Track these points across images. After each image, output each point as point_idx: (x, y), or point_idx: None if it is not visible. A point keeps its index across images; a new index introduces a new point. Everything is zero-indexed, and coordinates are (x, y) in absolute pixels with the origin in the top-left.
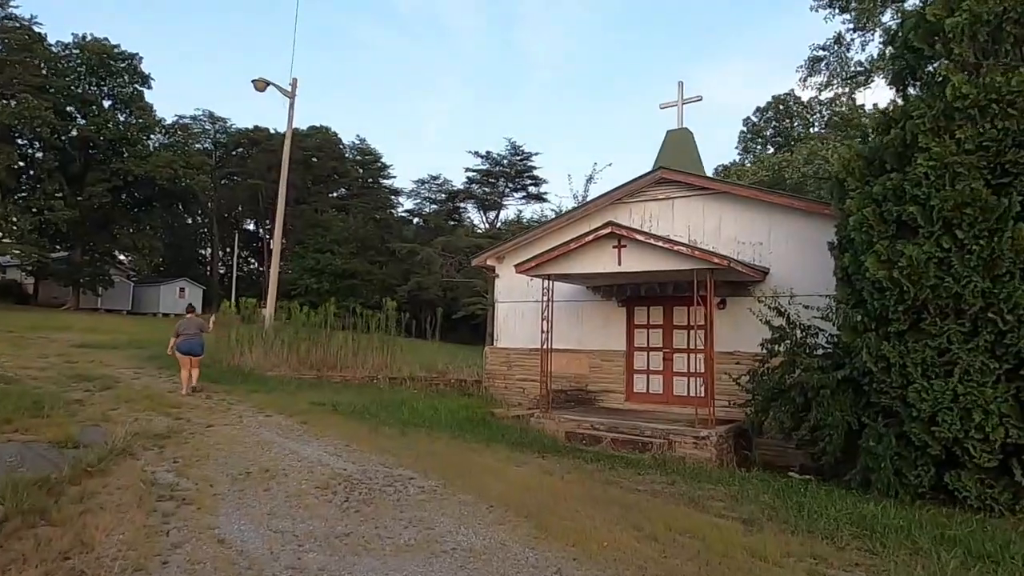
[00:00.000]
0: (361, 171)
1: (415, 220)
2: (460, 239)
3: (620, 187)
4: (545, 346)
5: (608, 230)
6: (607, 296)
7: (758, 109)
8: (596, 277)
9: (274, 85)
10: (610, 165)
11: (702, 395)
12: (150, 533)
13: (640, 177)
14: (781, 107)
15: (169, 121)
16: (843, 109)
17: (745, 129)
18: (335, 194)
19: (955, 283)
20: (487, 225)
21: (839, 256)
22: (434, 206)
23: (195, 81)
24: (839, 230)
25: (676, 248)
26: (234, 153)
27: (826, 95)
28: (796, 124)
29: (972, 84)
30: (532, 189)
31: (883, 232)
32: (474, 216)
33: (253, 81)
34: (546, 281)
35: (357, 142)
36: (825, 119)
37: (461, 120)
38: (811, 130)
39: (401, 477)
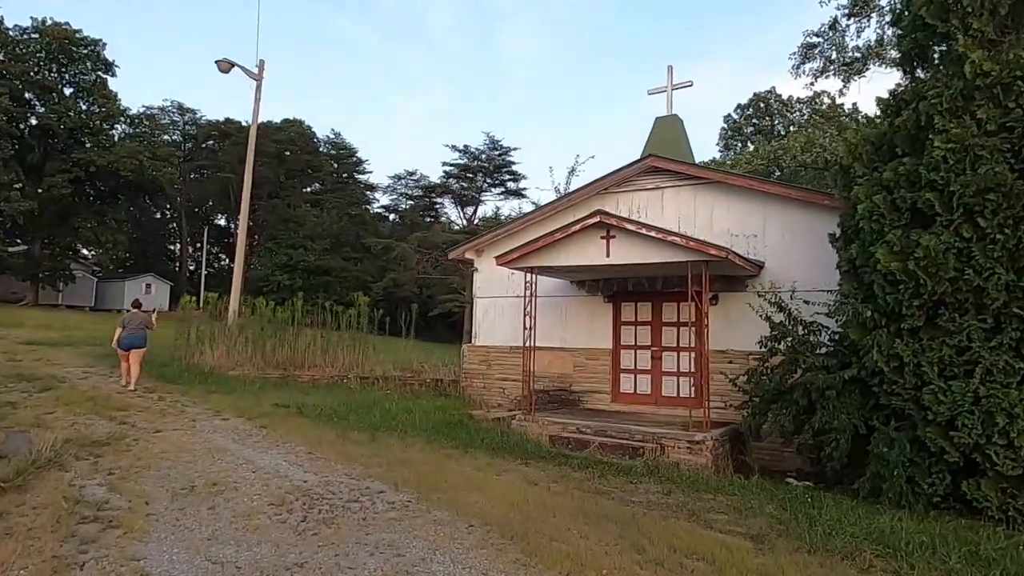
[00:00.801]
0: (336, 166)
1: (391, 216)
2: (437, 235)
3: (607, 176)
4: (528, 344)
5: (596, 219)
6: (592, 291)
7: (739, 106)
8: (582, 270)
9: (239, 67)
10: (592, 158)
11: (693, 396)
12: (58, 567)
13: (628, 165)
14: (762, 104)
15: (135, 111)
16: (823, 107)
17: (726, 126)
18: (309, 189)
19: (976, 275)
20: (464, 221)
21: (843, 248)
22: (410, 202)
23: (164, 73)
24: (844, 220)
25: (669, 239)
26: (204, 146)
27: (821, 84)
28: (776, 122)
29: (994, 61)
30: (511, 184)
31: (895, 221)
32: (451, 212)
33: (217, 62)
34: (529, 275)
35: (332, 136)
36: (805, 116)
37: (438, 117)
38: (791, 128)
39: (369, 490)
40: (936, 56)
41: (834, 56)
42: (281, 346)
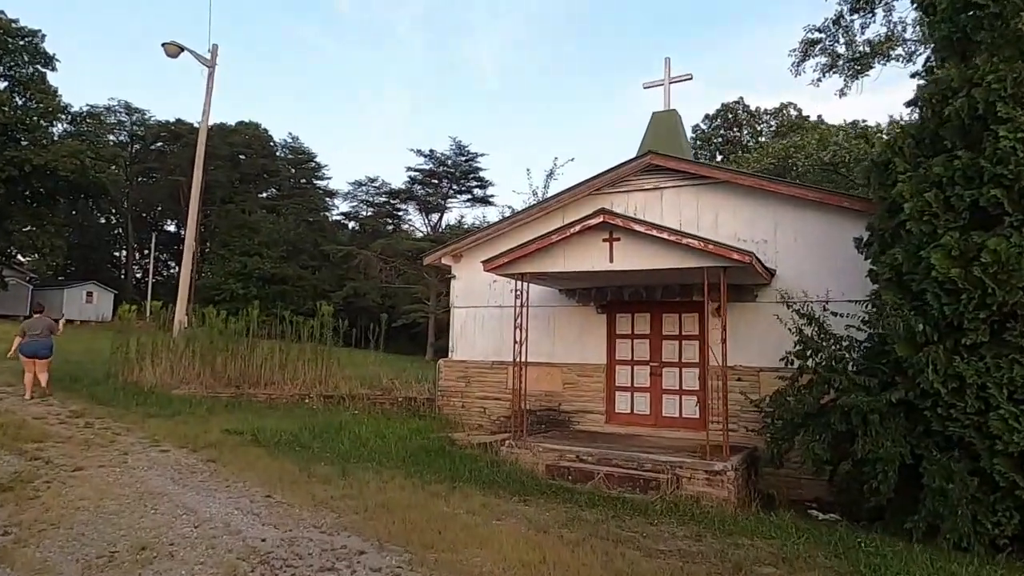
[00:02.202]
0: (293, 170)
1: (350, 224)
2: (400, 242)
3: (601, 175)
4: (518, 359)
5: (599, 219)
6: (584, 301)
7: (707, 117)
8: (581, 277)
9: (189, 51)
10: (572, 160)
11: (697, 416)
12: None
13: (625, 163)
14: (730, 115)
15: (78, 109)
16: (792, 117)
17: (694, 136)
18: (265, 194)
19: None
20: (429, 228)
21: (879, 253)
22: (371, 209)
23: (111, 72)
24: (879, 222)
25: (684, 241)
26: (153, 148)
27: (828, 82)
28: (745, 133)
29: None
30: (477, 191)
31: (951, 221)
32: (415, 219)
33: (164, 45)
34: (519, 282)
35: (289, 140)
36: (773, 128)
37: (401, 126)
38: (759, 139)
39: (346, 551)
40: (987, 39)
41: (842, 51)
42: (234, 360)
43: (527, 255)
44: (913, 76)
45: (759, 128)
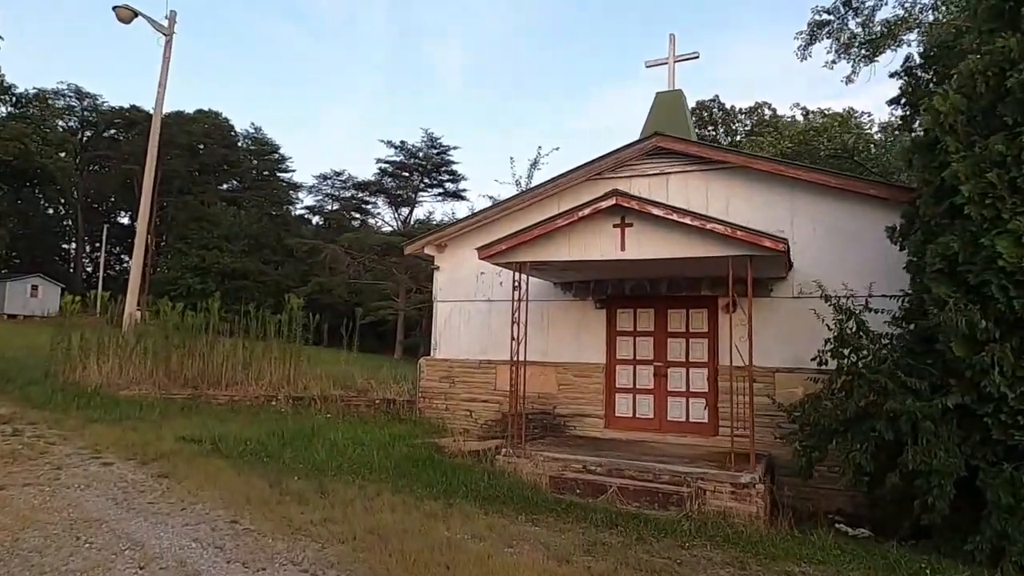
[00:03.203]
0: (255, 162)
1: (315, 219)
2: (369, 236)
3: (601, 159)
4: (516, 357)
5: (611, 202)
6: (581, 294)
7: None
8: (587, 267)
9: (144, 17)
10: (557, 149)
11: (706, 421)
12: None
13: (628, 146)
14: (705, 114)
15: (23, 90)
16: (766, 116)
17: None
18: (225, 186)
19: None
20: (399, 223)
21: (920, 243)
22: (337, 204)
23: (61, 55)
24: (925, 207)
25: (709, 226)
26: (105, 135)
27: (820, 69)
28: (721, 131)
29: None
30: (449, 185)
31: (1018, 204)
32: (385, 213)
33: (115, 8)
34: (518, 273)
35: (252, 131)
36: (748, 127)
37: (369, 122)
38: (736, 138)
39: None
40: None
41: (858, 31)
42: (191, 359)
43: (528, 241)
44: (893, 76)
45: (734, 127)
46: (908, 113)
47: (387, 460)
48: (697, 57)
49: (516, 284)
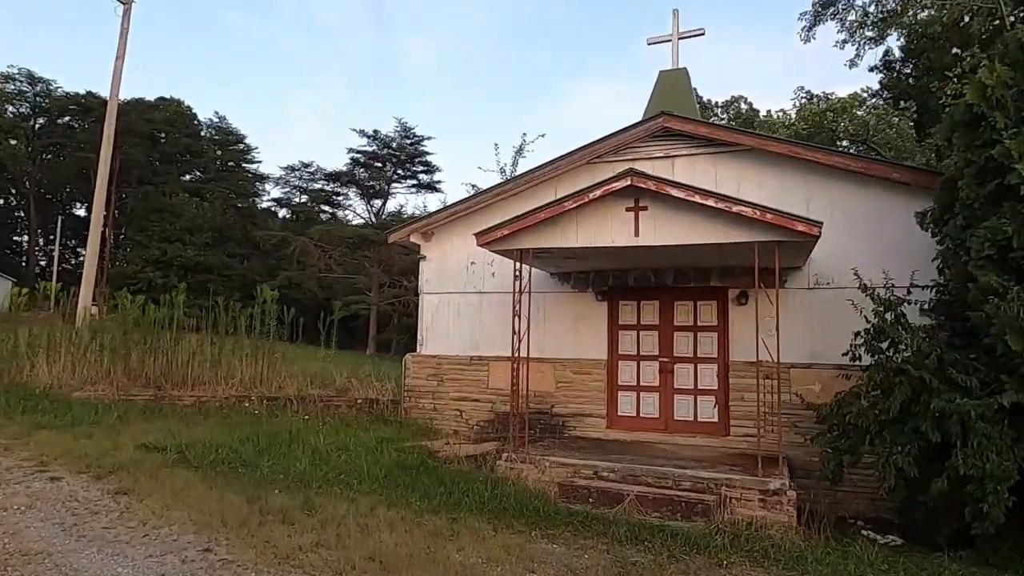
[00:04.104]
0: (219, 152)
1: (281, 212)
2: (341, 229)
3: (602, 140)
4: (517, 353)
5: (626, 182)
6: (580, 286)
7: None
8: (597, 255)
9: None
10: (543, 136)
11: (715, 420)
12: None
13: (631, 127)
14: None
15: None
16: (743, 110)
17: None
18: (188, 176)
19: None
20: (371, 215)
21: (960, 228)
22: (305, 196)
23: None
24: (968, 189)
25: (736, 209)
26: (60, 122)
27: (823, 50)
28: None
29: None
30: (423, 177)
31: None
32: (356, 204)
33: None
34: (518, 262)
35: (215, 120)
36: (724, 120)
37: (339, 113)
38: None
39: None
40: None
41: (871, 8)
42: (154, 356)
43: (531, 226)
44: (872, 70)
45: (710, 120)
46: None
47: (377, 468)
48: (703, 33)
49: (517, 274)
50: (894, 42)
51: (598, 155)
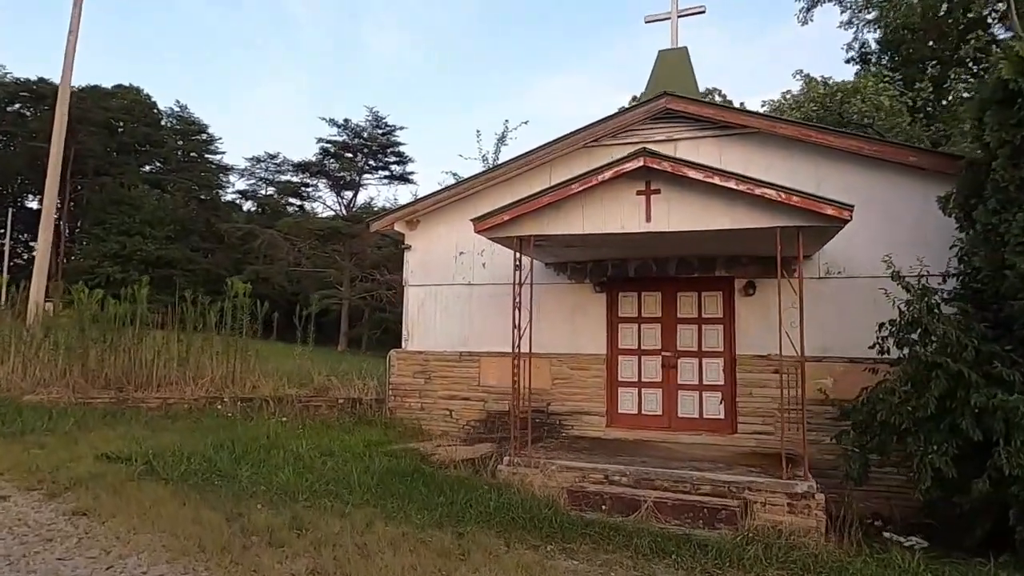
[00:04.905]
0: (181, 142)
1: (247, 204)
2: (310, 221)
3: (600, 122)
4: (518, 348)
5: (638, 163)
6: (577, 276)
7: (634, 98)
8: (604, 242)
9: None
10: (526, 123)
11: (721, 417)
12: None
13: (632, 108)
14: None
15: None
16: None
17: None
18: (148, 167)
19: None
20: (342, 207)
21: (990, 213)
22: (272, 188)
23: None
24: (1003, 171)
25: (759, 191)
26: (10, 109)
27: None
28: None
29: None
30: (396, 168)
31: None
32: (327, 196)
33: None
34: (517, 249)
35: (176, 109)
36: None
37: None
38: None
39: None
40: None
41: None
42: (115, 355)
43: (534, 212)
44: (848, 62)
45: None
46: None
47: (367, 475)
48: (704, 11)
49: (517, 263)
50: (871, 35)
51: (596, 138)
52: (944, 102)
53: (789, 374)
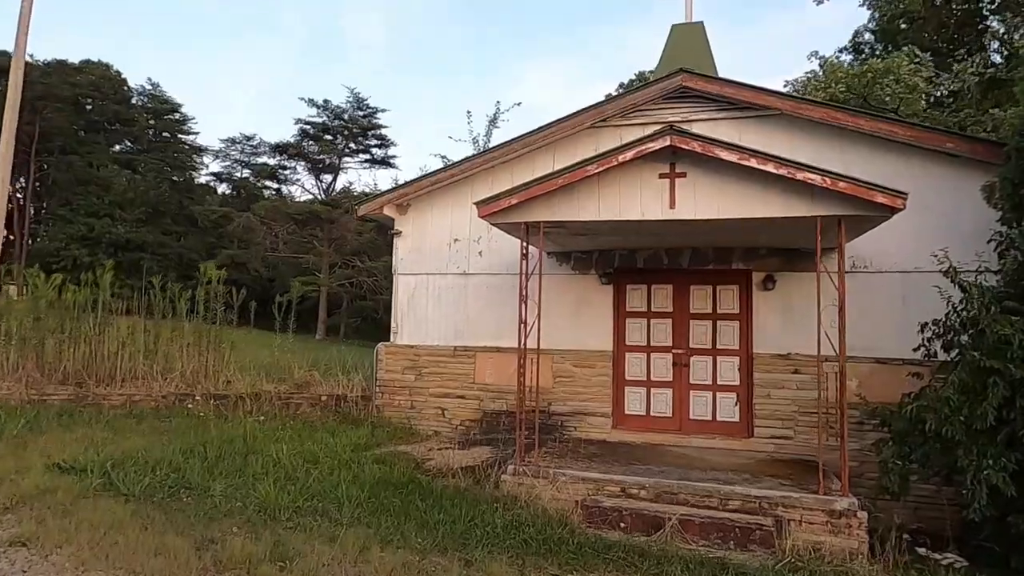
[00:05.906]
0: (153, 122)
1: (222, 187)
2: (288, 205)
3: (609, 101)
4: (525, 344)
5: (664, 142)
6: (582, 267)
7: (621, 85)
8: (622, 228)
9: None
10: (519, 104)
11: (736, 420)
12: None
13: (644, 86)
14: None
15: None
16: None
17: None
18: (118, 147)
19: None
20: (321, 191)
21: None
22: (247, 170)
23: None
24: None
25: (800, 176)
26: None
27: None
28: None
29: None
30: (377, 151)
31: None
32: (305, 180)
33: None
34: (523, 237)
35: (148, 87)
36: None
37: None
38: None
39: None
40: None
41: None
42: (74, 346)
43: (545, 195)
44: (842, 50)
45: None
46: None
47: (356, 487)
48: None
49: (524, 252)
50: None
51: (604, 117)
52: (946, 92)
53: (805, 375)
